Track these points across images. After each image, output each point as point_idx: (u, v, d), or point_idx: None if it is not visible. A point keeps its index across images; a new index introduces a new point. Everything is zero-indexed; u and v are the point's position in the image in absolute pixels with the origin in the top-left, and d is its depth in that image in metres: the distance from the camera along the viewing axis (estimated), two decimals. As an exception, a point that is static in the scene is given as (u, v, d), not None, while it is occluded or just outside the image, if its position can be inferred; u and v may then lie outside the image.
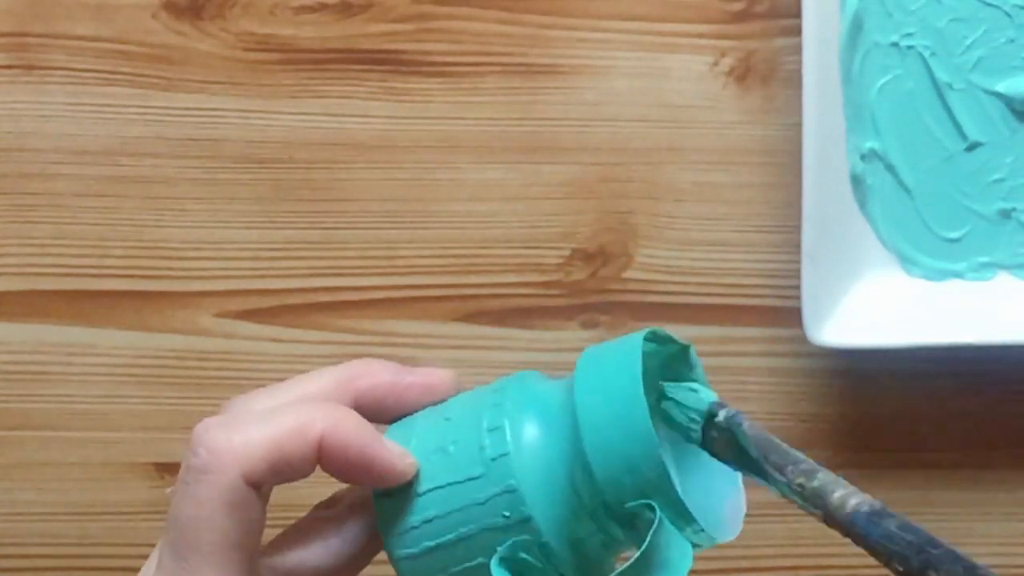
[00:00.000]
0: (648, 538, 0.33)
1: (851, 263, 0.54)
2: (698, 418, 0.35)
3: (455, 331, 0.57)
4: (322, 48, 0.56)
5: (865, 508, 0.31)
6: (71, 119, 0.57)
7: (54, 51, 0.56)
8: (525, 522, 0.34)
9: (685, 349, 0.36)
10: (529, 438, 0.35)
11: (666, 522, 0.33)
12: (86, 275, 0.58)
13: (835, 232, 0.53)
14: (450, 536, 0.34)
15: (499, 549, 0.34)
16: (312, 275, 0.57)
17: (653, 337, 0.35)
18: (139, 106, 0.56)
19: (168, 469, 0.59)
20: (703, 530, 0.34)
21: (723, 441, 0.34)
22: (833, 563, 0.58)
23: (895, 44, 0.53)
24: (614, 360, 0.34)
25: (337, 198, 0.57)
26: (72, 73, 0.56)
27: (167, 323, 0.58)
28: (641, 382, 0.33)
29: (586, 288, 0.57)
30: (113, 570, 0.59)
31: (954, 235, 0.54)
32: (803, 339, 0.53)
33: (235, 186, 0.57)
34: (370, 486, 0.35)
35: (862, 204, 0.54)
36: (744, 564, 0.58)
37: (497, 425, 0.35)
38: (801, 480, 0.32)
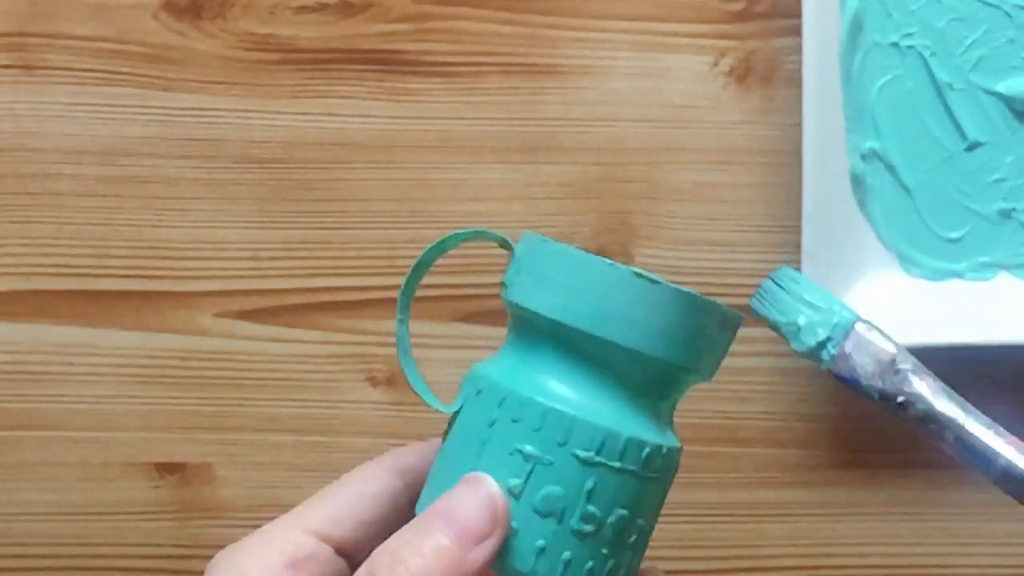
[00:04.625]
0: None
1: (851, 263, 0.54)
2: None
3: (455, 331, 0.57)
4: (322, 48, 0.56)
5: None
6: (71, 119, 0.57)
7: (54, 51, 0.56)
8: None
9: None
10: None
11: None
12: (86, 275, 0.58)
13: (835, 232, 0.53)
14: None
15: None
16: (312, 275, 0.57)
17: None
18: (139, 106, 0.56)
19: (168, 469, 0.59)
20: None
21: None
22: (833, 563, 0.58)
23: (895, 44, 0.53)
24: None
25: (337, 198, 0.57)
26: (72, 73, 0.56)
27: (167, 323, 0.58)
28: None
29: (586, 288, 0.57)
30: (113, 570, 0.59)
31: (954, 235, 0.54)
32: (803, 339, 0.53)
33: (235, 186, 0.57)
34: None
35: (862, 204, 0.54)
36: (744, 564, 0.58)
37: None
38: None
